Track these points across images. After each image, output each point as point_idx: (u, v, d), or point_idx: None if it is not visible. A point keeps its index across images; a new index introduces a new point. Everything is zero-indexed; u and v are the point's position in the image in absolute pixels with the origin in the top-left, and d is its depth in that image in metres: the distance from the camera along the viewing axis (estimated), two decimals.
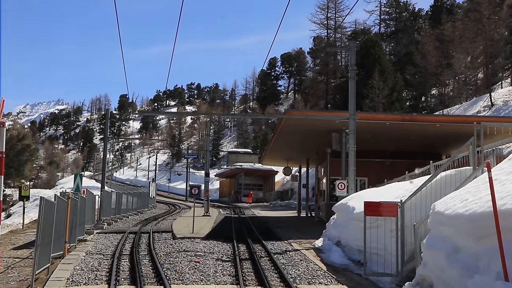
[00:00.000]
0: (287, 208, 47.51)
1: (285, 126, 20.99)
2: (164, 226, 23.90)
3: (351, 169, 16.75)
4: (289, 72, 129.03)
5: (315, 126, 21.32)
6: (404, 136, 22.77)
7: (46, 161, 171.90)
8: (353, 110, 16.90)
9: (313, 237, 18.07)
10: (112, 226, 24.61)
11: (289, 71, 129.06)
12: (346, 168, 21.50)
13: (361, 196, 13.42)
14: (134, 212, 34.43)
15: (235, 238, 17.79)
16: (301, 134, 23.67)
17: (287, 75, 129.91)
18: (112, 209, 27.22)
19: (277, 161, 34.54)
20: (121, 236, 19.29)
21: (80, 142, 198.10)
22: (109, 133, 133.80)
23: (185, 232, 19.91)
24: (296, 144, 26.99)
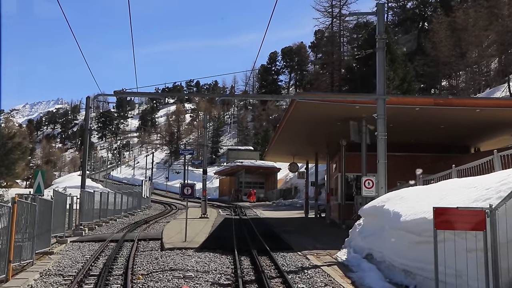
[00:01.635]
0: (292, 207, 44.23)
1: (296, 111, 17.69)
2: (153, 232, 20.60)
3: (381, 162, 13.43)
4: (290, 67, 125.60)
5: (329, 112, 18.03)
6: (432, 125, 19.47)
7: (43, 160, 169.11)
8: (382, 89, 13.61)
9: (332, 246, 14.80)
10: (94, 232, 21.33)
11: (290, 66, 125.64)
12: (366, 163, 18.24)
13: (404, 197, 10.12)
14: (124, 214, 31.15)
15: (237, 247, 14.52)
16: (312, 123, 20.37)
17: (288, 70, 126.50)
18: (96, 212, 23.93)
19: (282, 156, 31.22)
20: (99, 245, 16.01)
21: (78, 141, 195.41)
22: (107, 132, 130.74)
23: (177, 240, 16.62)
24: (305, 136, 23.69)
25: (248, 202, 54.30)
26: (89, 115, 21.66)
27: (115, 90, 13.10)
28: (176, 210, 39.32)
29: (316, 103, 16.82)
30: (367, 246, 11.71)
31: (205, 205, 28.24)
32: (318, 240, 16.80)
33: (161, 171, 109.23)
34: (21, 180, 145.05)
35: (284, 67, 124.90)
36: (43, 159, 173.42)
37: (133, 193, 36.03)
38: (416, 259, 8.43)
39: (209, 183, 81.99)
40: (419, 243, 8.29)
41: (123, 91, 12.97)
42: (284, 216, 33.22)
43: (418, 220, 8.09)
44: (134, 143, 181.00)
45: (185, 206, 44.06)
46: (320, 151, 27.05)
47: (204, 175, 29.29)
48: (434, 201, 8.32)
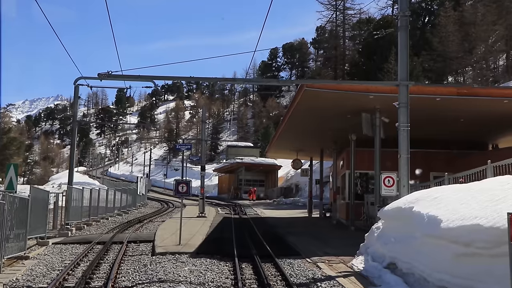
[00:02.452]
0: (294, 206, 42.58)
1: (303, 101, 16.01)
2: (145, 233, 18.93)
3: (404, 157, 11.74)
4: (291, 63, 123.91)
5: (340, 103, 16.37)
6: (451, 118, 17.81)
7: (41, 156, 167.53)
8: (405, 74, 11.92)
9: (344, 251, 13.17)
10: (82, 232, 19.66)
11: (291, 62, 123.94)
12: (380, 159, 16.58)
13: (439, 198, 8.45)
14: (118, 213, 29.48)
15: (237, 252, 12.89)
16: (319, 116, 18.71)
17: (289, 66, 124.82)
18: (85, 210, 22.26)
19: (285, 152, 29.53)
20: (84, 248, 14.34)
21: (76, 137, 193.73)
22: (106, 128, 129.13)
23: (170, 243, 14.95)
24: (311, 130, 22.02)
25: (248, 200, 52.68)
26: (77, 105, 19.97)
27: (99, 73, 11.46)
28: (173, 208, 37.69)
29: (326, 92, 15.15)
30: (389, 254, 10.05)
31: (203, 204, 26.58)
32: (327, 244, 15.14)
33: (159, 168, 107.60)
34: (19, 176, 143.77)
35: (285, 64, 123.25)
36: (41, 155, 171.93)
37: (127, 190, 34.33)
38: (462, 274, 6.77)
39: (208, 180, 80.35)
40: (467, 256, 6.64)
41: (109, 73, 11.31)
42: (287, 215, 31.57)
43: (468, 228, 6.42)
44: (133, 139, 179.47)
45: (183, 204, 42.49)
46: (326, 147, 25.38)
47: (202, 172, 27.61)
48: (486, 204, 6.65)
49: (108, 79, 11.41)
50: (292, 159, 30.72)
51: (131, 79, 11.64)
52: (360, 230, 19.35)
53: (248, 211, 34.91)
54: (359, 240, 15.83)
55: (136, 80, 11.63)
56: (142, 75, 11.69)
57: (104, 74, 11.34)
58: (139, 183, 39.71)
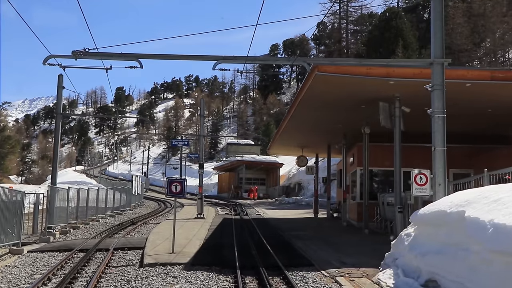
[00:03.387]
0: (297, 206, 40.70)
1: (313, 88, 14.07)
2: (136, 238, 17.02)
3: (439, 150, 9.83)
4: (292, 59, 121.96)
5: (355, 90, 14.47)
6: (478, 108, 15.89)
7: (39, 155, 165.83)
8: (440, 50, 10.03)
9: (363, 261, 11.30)
10: (67, 237, 17.75)
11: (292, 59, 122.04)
12: (400, 154, 14.68)
13: (501, 200, 6.53)
14: (110, 214, 27.56)
15: (239, 261, 11.02)
16: (329, 107, 16.81)
17: None
18: (72, 212, 20.35)
19: (289, 148, 27.59)
20: (62, 257, 12.44)
21: (75, 136, 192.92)
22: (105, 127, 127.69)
23: (163, 250, 13.04)
24: (318, 124, 20.12)
25: (248, 199, 50.80)
26: (61, 96, 18.03)
27: (74, 50, 9.56)
28: (170, 209, 35.76)
29: (340, 77, 13.22)
30: (427, 268, 8.13)
31: (201, 204, 24.66)
32: (341, 251, 13.23)
33: (158, 167, 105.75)
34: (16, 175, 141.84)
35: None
36: (39, 154, 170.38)
37: (121, 190, 32.34)
38: None
39: (208, 179, 78.38)
40: None
41: (86, 51, 9.41)
42: (290, 215, 29.67)
43: None
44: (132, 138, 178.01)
45: (180, 204, 40.50)
46: (334, 142, 23.44)
47: (200, 170, 25.64)
48: None
49: (85, 57, 9.53)
50: (296, 156, 28.79)
51: (112, 57, 9.75)
52: (375, 234, 17.49)
53: (250, 211, 33.03)
54: (377, 246, 13.95)
55: (118, 58, 9.75)
56: (125, 53, 9.81)
57: (79, 52, 9.44)
58: (134, 182, 37.76)
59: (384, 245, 14.01)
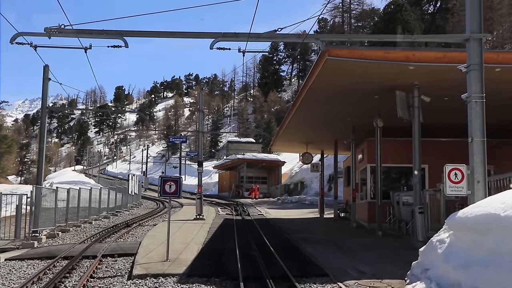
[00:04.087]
0: (300, 205, 39.26)
1: (323, 76, 12.62)
2: (129, 242, 15.59)
3: (477, 141, 8.40)
4: (292, 57, 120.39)
5: (369, 77, 13.05)
6: (504, 97, 14.38)
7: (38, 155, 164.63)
8: (477, 25, 8.63)
9: (384, 268, 9.90)
10: (54, 242, 16.33)
11: (292, 56, 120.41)
12: (420, 149, 13.25)
13: None
14: (105, 215, 26.12)
15: (242, 271, 9.64)
16: (339, 98, 15.37)
17: (290, 60, 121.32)
18: (61, 213, 18.93)
19: (294, 145, 26.13)
20: (43, 266, 11.03)
21: (75, 135, 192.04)
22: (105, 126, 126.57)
23: (156, 257, 11.62)
24: (326, 117, 18.68)
25: (250, 198, 49.39)
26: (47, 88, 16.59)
27: (47, 27, 8.16)
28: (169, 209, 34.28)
29: (354, 62, 11.79)
30: (470, 282, 6.70)
31: (200, 204, 23.21)
32: (356, 257, 11.80)
33: (157, 166, 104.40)
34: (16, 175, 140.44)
35: (286, 57, 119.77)
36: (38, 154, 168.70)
37: (117, 189, 30.87)
38: None
39: (208, 178, 76.90)
40: None
41: (61, 27, 8.00)
42: (295, 216, 28.25)
43: None
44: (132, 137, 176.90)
45: (180, 204, 39.06)
46: (342, 138, 21.98)
47: (199, 168, 24.16)
48: None
49: (60, 35, 8.13)
50: (300, 152, 27.34)
51: (93, 35, 8.31)
52: (389, 236, 16.05)
53: (251, 211, 31.62)
54: (396, 251, 12.53)
55: (99, 36, 8.32)
56: (107, 30, 8.39)
57: (53, 29, 8.04)
58: (131, 181, 36.25)
59: (403, 250, 12.61)
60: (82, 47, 8.54)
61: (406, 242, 14.09)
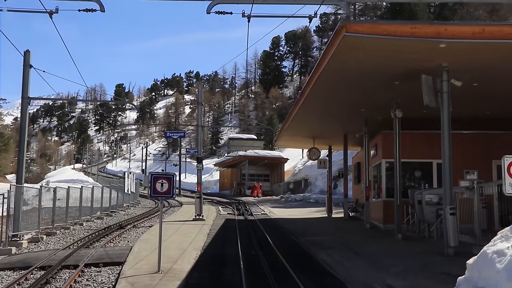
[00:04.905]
0: (305, 203, 37.59)
1: (339, 56, 10.93)
2: (118, 248, 13.91)
3: None
4: (294, 52, 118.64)
5: (389, 59, 11.40)
6: None
7: (38, 153, 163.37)
8: None
9: (418, 282, 8.25)
10: (38, 246, 14.70)
11: (294, 52, 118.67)
12: (450, 142, 11.55)
13: None
14: (98, 215, 24.47)
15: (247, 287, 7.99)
16: (353, 84, 13.71)
17: (292, 55, 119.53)
18: (47, 215, 17.29)
19: (300, 140, 24.41)
20: (14, 279, 9.40)
21: (75, 134, 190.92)
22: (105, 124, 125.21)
23: (147, 267, 9.96)
24: (337, 108, 17.01)
25: (252, 197, 47.74)
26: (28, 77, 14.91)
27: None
28: (168, 208, 32.75)
29: (375, 39, 10.11)
30: None
31: (200, 204, 21.55)
32: (381, 266, 10.11)
33: (158, 164, 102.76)
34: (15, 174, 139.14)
35: (288, 53, 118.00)
36: (38, 152, 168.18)
37: (111, 188, 29.14)
38: None
39: (209, 175, 75.21)
40: None
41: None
42: (300, 215, 26.62)
43: None
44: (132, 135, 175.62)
45: (179, 203, 37.36)
46: (353, 131, 20.26)
47: (198, 165, 22.44)
48: None
49: None
50: (306, 148, 25.66)
51: None
52: (410, 239, 14.35)
53: (254, 211, 29.98)
54: (425, 259, 10.79)
55: None
56: None
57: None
58: (127, 180, 34.52)
59: (432, 257, 10.93)
60: (46, 10, 6.90)
61: (432, 247, 12.45)
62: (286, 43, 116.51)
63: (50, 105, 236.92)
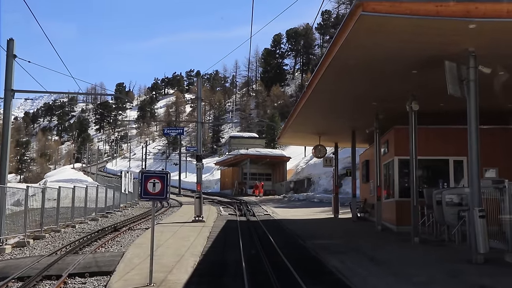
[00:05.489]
0: (309, 203, 36.40)
1: (354, 40, 9.74)
2: (109, 254, 12.70)
3: None
4: (296, 50, 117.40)
5: (409, 43, 10.16)
6: None
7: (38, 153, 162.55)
8: None
9: None
10: (22, 251, 13.52)
11: (296, 50, 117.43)
12: (477, 137, 10.35)
13: None
14: (93, 217, 23.28)
15: None
16: (367, 74, 12.50)
17: (293, 53, 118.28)
18: (35, 217, 16.10)
19: (304, 136, 23.19)
20: None
21: (75, 133, 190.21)
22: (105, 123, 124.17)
23: (138, 278, 8.79)
24: (345, 101, 15.79)
25: (254, 196, 46.57)
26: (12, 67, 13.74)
27: None
28: (167, 208, 31.58)
29: (396, 18, 8.91)
30: None
31: (199, 204, 20.36)
32: (401, 275, 8.91)
33: (158, 163, 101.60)
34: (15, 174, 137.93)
35: (289, 50, 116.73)
36: (38, 152, 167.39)
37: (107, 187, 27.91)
38: None
39: (210, 175, 74.00)
40: None
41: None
42: (305, 216, 25.44)
43: None
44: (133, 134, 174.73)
45: (179, 202, 36.09)
46: (362, 126, 19.03)
47: (198, 163, 21.23)
48: None
49: None
50: (311, 145, 24.46)
51: None
52: (429, 243, 13.10)
53: (257, 211, 28.80)
54: (450, 266, 9.60)
55: None
56: None
57: None
58: (125, 179, 33.32)
59: (459, 265, 9.68)
60: None
61: (455, 252, 11.25)
62: (288, 41, 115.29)
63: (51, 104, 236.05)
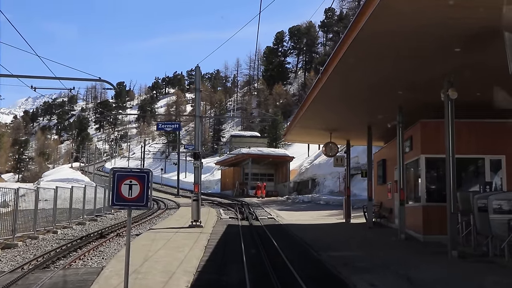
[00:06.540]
0: (314, 205, 34.25)
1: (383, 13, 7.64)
2: (82, 272, 10.52)
3: None
4: (298, 48, 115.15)
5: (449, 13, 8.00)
6: None
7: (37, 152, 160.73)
8: None
9: None
10: None
11: (298, 48, 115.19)
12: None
13: None
14: (80, 220, 21.12)
15: None
16: (392, 55, 10.35)
17: (296, 52, 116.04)
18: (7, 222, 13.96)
19: (313, 133, 21.00)
20: None
21: (75, 132, 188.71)
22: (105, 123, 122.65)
23: None
24: (364, 91, 13.58)
25: (255, 197, 44.45)
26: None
27: None
28: (163, 210, 29.42)
29: None
30: None
31: (197, 207, 18.19)
32: None
33: (158, 162, 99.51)
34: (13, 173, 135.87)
35: (292, 48, 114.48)
36: (37, 151, 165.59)
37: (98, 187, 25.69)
38: None
39: (210, 175, 71.78)
40: None
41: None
42: (313, 220, 23.29)
43: None
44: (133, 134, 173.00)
45: (176, 204, 33.85)
46: (381, 121, 16.78)
47: (196, 161, 19.04)
48: None
49: None
50: (321, 143, 22.27)
51: None
52: (471, 259, 10.82)
53: (260, 214, 26.66)
54: None
55: None
56: None
57: None
58: None
59: None
60: None
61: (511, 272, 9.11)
62: (290, 39, 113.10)
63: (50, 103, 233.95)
